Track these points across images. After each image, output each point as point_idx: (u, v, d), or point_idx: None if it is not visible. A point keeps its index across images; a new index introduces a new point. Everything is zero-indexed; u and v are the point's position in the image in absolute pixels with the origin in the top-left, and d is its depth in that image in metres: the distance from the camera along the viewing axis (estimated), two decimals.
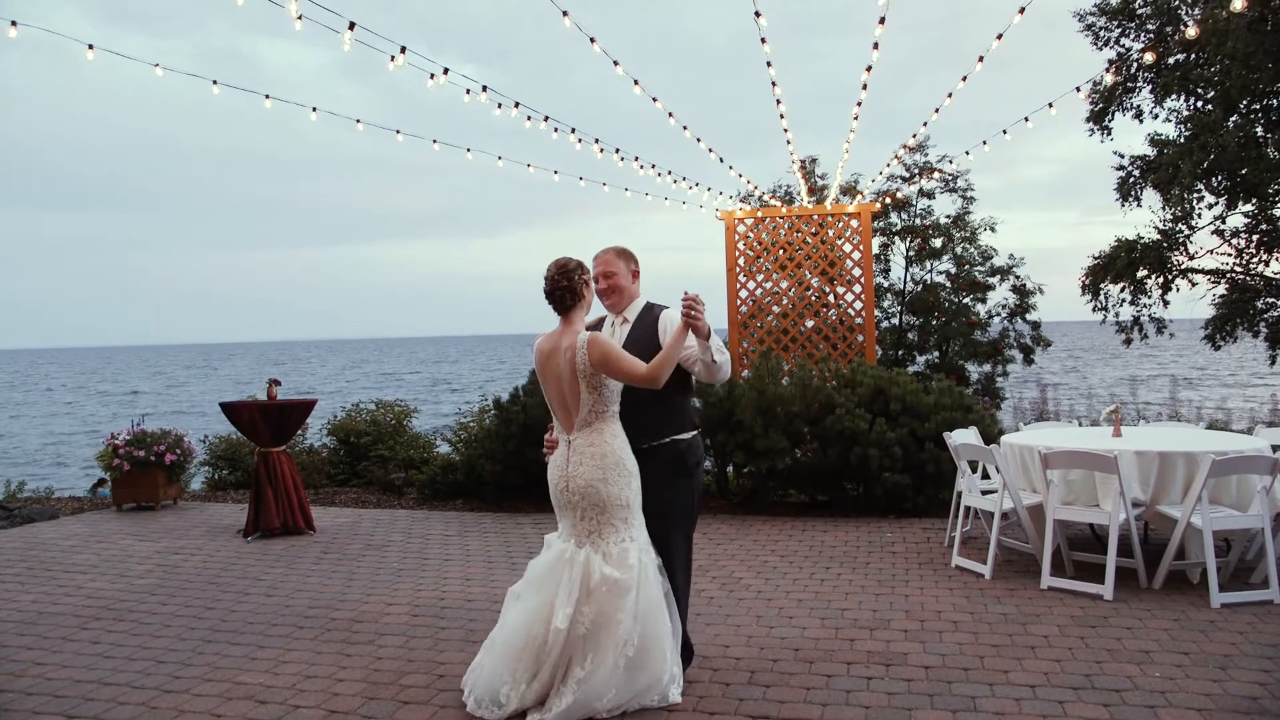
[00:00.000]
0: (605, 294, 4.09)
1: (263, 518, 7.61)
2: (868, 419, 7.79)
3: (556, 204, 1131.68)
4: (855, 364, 8.52)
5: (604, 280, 4.05)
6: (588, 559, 3.70)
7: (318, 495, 9.88)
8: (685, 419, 4.13)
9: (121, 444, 8.98)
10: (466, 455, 9.37)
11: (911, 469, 7.79)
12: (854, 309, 9.70)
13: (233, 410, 7.66)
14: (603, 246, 4.20)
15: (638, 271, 4.21)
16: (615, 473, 3.73)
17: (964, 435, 6.93)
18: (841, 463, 7.89)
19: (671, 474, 4.02)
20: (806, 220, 9.76)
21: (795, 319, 9.83)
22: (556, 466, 3.85)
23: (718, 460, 8.43)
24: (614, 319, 4.16)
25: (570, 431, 3.81)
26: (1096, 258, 17.58)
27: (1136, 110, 16.53)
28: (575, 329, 3.79)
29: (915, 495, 7.81)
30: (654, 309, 4.16)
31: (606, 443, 3.75)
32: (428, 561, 6.72)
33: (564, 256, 3.85)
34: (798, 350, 9.72)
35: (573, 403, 3.77)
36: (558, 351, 3.78)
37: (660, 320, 4.07)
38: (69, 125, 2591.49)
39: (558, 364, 3.77)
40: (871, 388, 8.07)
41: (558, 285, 3.78)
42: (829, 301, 9.86)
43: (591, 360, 3.67)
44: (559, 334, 3.82)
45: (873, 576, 5.97)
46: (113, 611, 5.54)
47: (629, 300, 4.15)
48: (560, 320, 3.85)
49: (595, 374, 3.69)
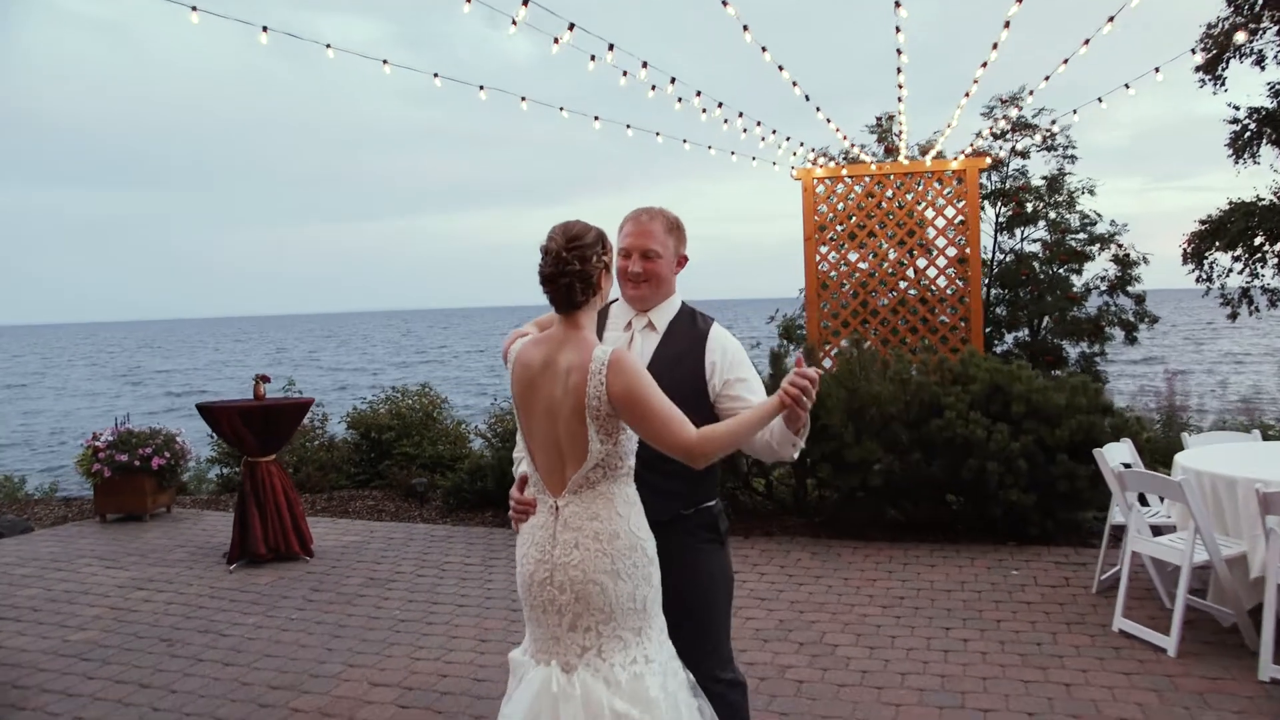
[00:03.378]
0: (635, 281, 2.69)
1: (248, 542, 6.37)
2: (985, 424, 6.26)
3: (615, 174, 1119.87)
4: (965, 355, 6.96)
5: (640, 261, 2.67)
6: (586, 691, 2.28)
7: (331, 501, 8.65)
8: (715, 480, 2.80)
9: (103, 446, 7.82)
10: (498, 457, 8.04)
11: (1037, 485, 6.25)
12: (957, 285, 8.12)
13: (211, 414, 6.39)
14: (638, 207, 2.78)
15: (685, 258, 2.81)
16: (628, 561, 2.33)
17: (1118, 452, 5.37)
18: (950, 476, 6.38)
19: (706, 540, 2.73)
20: (899, 179, 8.18)
21: (888, 297, 8.27)
22: (535, 544, 2.40)
23: (796, 473, 6.97)
24: (632, 317, 2.75)
25: (559, 492, 2.39)
26: (1204, 222, 15.70)
27: (1258, 56, 14.55)
28: (585, 337, 2.37)
29: (1043, 519, 6.28)
30: (698, 321, 2.77)
31: (617, 515, 2.35)
32: (437, 608, 5.40)
33: (577, 222, 2.42)
34: (887, 334, 8.18)
35: (570, 450, 2.35)
36: (553, 370, 2.36)
37: (711, 345, 2.71)
38: (124, 104, 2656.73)
39: (551, 389, 2.36)
40: (987, 384, 6.52)
41: (564, 267, 2.33)
42: (927, 276, 8.29)
43: (612, 394, 2.26)
44: (557, 341, 2.39)
45: (1010, 645, 4.49)
46: (19, 690, 4.31)
47: (664, 296, 2.76)
48: (560, 319, 2.42)
49: (615, 414, 2.32)
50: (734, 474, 7.11)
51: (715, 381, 2.64)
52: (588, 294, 2.35)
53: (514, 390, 2.42)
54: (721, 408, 2.63)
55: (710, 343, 2.69)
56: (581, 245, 2.32)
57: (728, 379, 2.64)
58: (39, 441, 28.04)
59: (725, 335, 2.71)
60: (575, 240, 2.32)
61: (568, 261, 2.30)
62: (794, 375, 2.26)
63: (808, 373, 2.26)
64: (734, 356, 2.68)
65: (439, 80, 6.89)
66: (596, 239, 2.36)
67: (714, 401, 2.64)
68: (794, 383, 2.25)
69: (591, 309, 2.38)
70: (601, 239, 2.38)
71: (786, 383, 2.26)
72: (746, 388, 2.64)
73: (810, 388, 2.26)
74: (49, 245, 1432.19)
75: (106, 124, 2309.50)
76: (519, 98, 7.43)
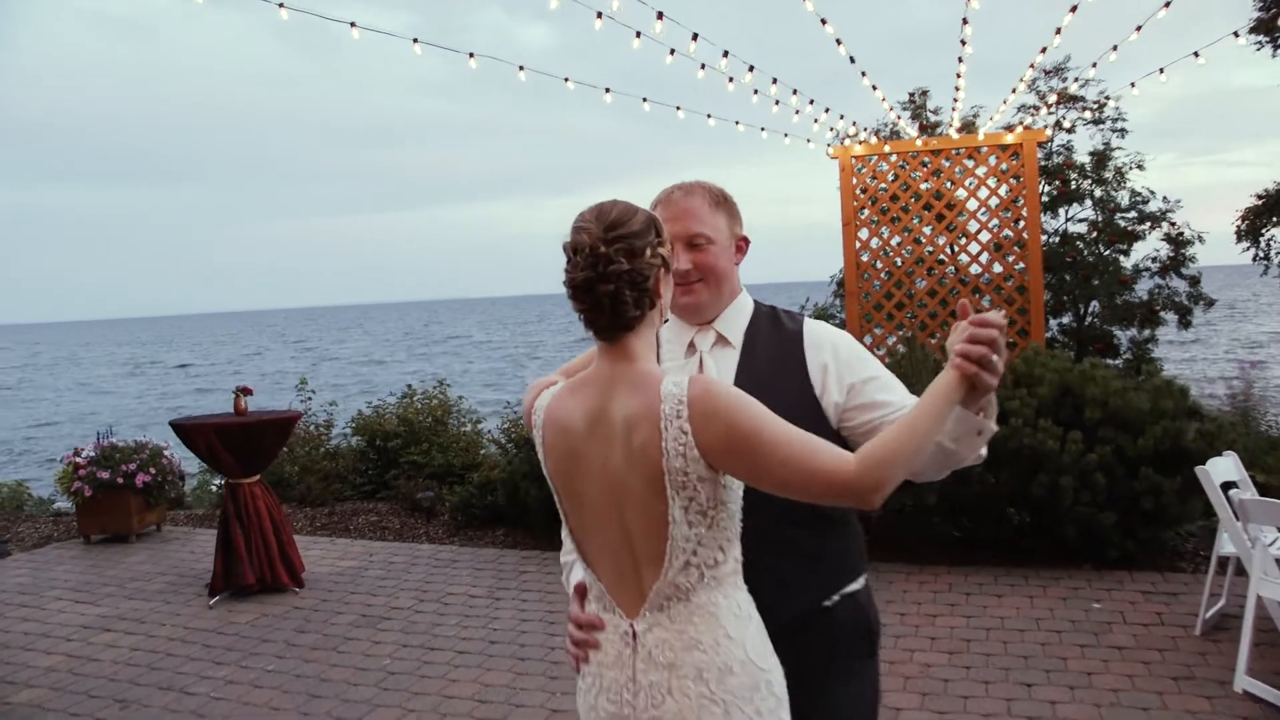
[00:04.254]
0: (685, 283, 1.94)
1: (233, 573, 5.73)
2: (1056, 433, 5.49)
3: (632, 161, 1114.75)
4: (1029, 352, 6.17)
5: (686, 254, 1.93)
6: None
7: (332, 517, 8.02)
8: (858, 543, 2.04)
9: (84, 463, 7.22)
10: (509, 471, 7.35)
11: (1116, 502, 5.48)
12: (1015, 271, 7.32)
13: (185, 433, 5.75)
14: (672, 184, 2.04)
15: (745, 240, 2.08)
16: (749, 707, 1.59)
17: (1222, 468, 4.59)
18: (1017, 491, 5.62)
19: (848, 654, 1.97)
20: (947, 155, 7.38)
21: (937, 286, 7.49)
22: (606, 691, 1.67)
23: None
24: (693, 335, 2.01)
25: (635, 611, 1.64)
26: (1262, 196, 14.79)
27: None
28: (644, 371, 1.62)
29: (1123, 539, 5.51)
30: (783, 320, 2.05)
31: (727, 638, 1.60)
32: (433, 654, 4.73)
33: (616, 202, 1.66)
34: (936, 328, 7.40)
35: (647, 544, 1.61)
36: (606, 427, 1.61)
37: (813, 345, 1.97)
38: (150, 103, 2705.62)
39: (607, 457, 1.61)
40: (1056, 386, 5.74)
41: (606, 268, 1.57)
42: (980, 262, 7.49)
43: (706, 444, 1.53)
44: (603, 383, 1.64)
45: (1109, 711, 3.75)
46: None
47: (729, 297, 2.02)
48: (603, 350, 1.66)
49: (714, 473, 1.56)
50: None
51: (834, 393, 1.91)
52: (643, 306, 1.61)
53: (549, 465, 1.69)
54: (854, 426, 1.90)
55: (811, 343, 1.96)
56: (628, 234, 1.58)
57: (852, 384, 1.91)
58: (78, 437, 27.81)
59: (828, 330, 1.99)
60: (618, 227, 1.58)
61: (610, 259, 1.56)
62: (971, 329, 1.56)
63: (990, 319, 1.55)
64: (849, 353, 1.96)
65: (474, 61, 6.39)
66: (647, 224, 1.62)
67: (839, 421, 1.91)
68: (975, 338, 1.55)
69: (649, 329, 1.66)
70: (653, 224, 1.64)
71: (961, 343, 1.56)
72: (882, 387, 1.92)
73: (998, 340, 1.55)
74: (74, 243, 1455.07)
75: (128, 121, 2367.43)
76: (562, 78, 7.01)
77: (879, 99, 7.99)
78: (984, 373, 1.56)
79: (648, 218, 1.64)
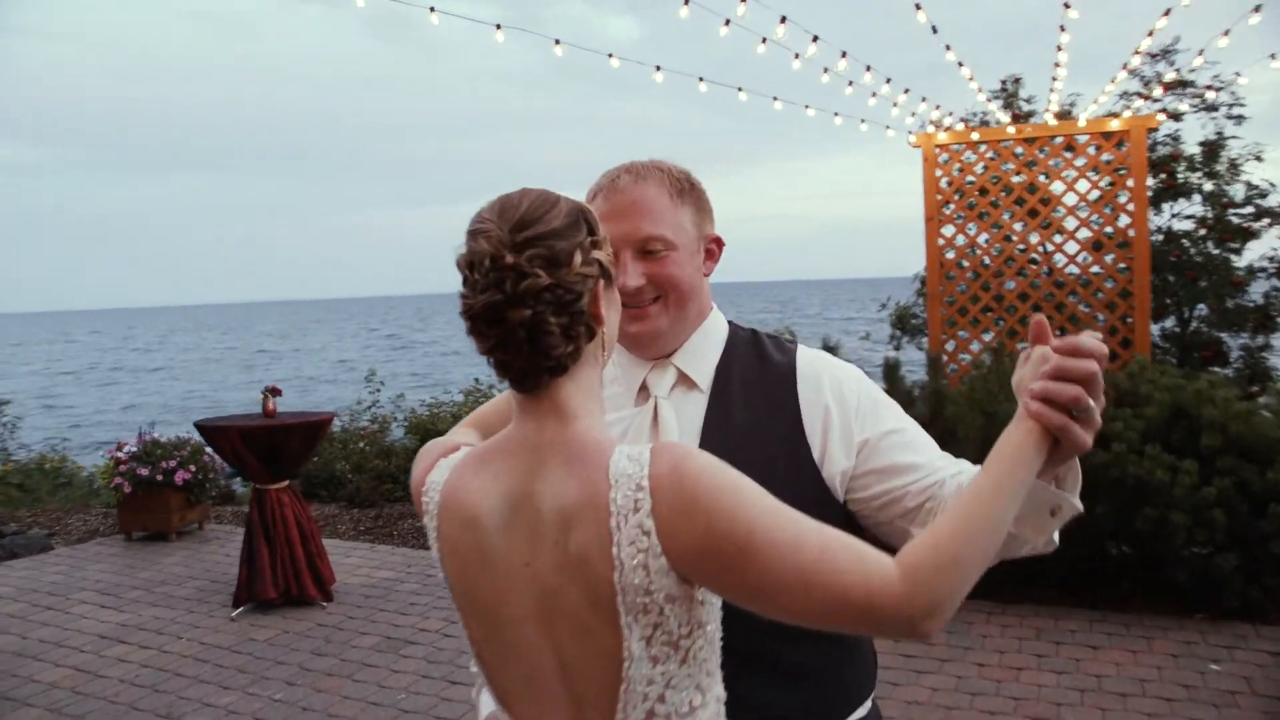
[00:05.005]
0: (636, 304, 1.43)
1: (255, 584, 5.41)
2: (1167, 461, 4.79)
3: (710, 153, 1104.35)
4: (1134, 367, 5.45)
5: (637, 264, 1.42)
6: None
7: (377, 521, 7.70)
8: (869, 655, 1.53)
9: (124, 458, 7.03)
10: None
11: (1238, 543, 4.76)
12: (1117, 274, 6.58)
13: (208, 434, 5.44)
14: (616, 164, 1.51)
15: (718, 241, 1.55)
16: None
17: None
18: (1118, 524, 4.94)
19: None
20: (1043, 143, 6.66)
21: (1029, 289, 6.78)
22: None
23: None
24: (645, 374, 1.50)
25: None
26: None
27: None
28: (583, 436, 1.11)
29: (1246, 586, 4.79)
30: (768, 349, 1.53)
31: None
32: (453, 690, 4.31)
33: (526, 192, 1.13)
34: (1026, 332, 6.70)
35: (589, 679, 1.09)
36: (531, 517, 1.10)
37: (809, 386, 1.46)
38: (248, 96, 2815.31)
39: (533, 556, 1.09)
40: (1167, 407, 5.03)
41: (516, 287, 1.06)
42: (1078, 263, 6.76)
43: (679, 553, 1.02)
44: (526, 452, 1.13)
45: None
46: None
47: (695, 321, 1.51)
48: (521, 405, 1.14)
49: (689, 588, 1.06)
50: None
51: (838, 455, 1.40)
52: (576, 337, 1.11)
53: (446, 568, 1.20)
54: (868, 499, 1.41)
55: (807, 384, 1.45)
56: (546, 234, 1.09)
57: (865, 440, 1.41)
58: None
59: (831, 364, 1.49)
60: (530, 225, 1.09)
61: (522, 272, 1.06)
62: (1057, 359, 1.04)
63: (1084, 344, 1.04)
64: (860, 396, 1.45)
65: (560, 48, 6.08)
66: (572, 218, 1.12)
67: (847, 492, 1.42)
68: (1063, 372, 1.03)
69: (589, 370, 1.16)
70: (582, 217, 1.14)
71: (1042, 378, 1.04)
72: (906, 444, 1.41)
73: (1096, 376, 1.03)
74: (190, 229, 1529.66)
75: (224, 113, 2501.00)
76: (654, 67, 6.63)
77: (968, 80, 7.29)
78: (1073, 426, 1.03)
79: (573, 209, 1.14)
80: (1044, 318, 1.12)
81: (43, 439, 15.46)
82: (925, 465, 1.38)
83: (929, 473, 1.37)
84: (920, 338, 12.42)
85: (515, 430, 1.16)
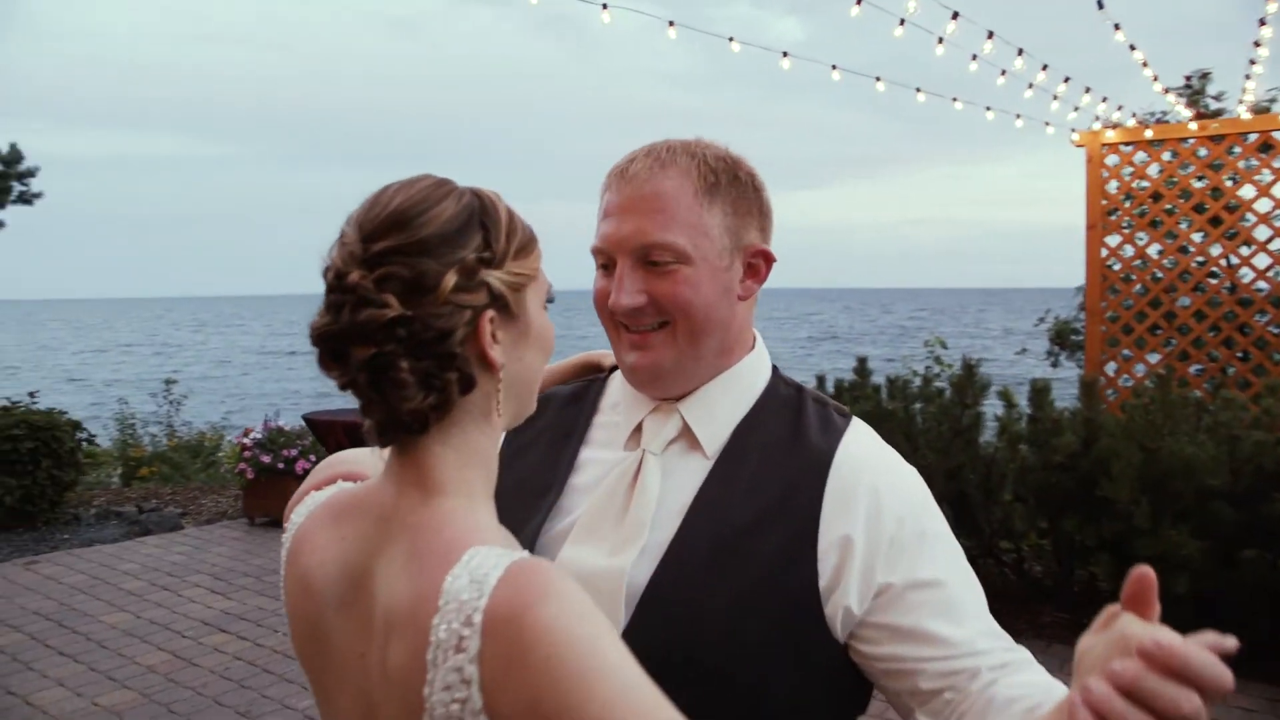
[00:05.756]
0: (634, 331, 1.12)
1: None
2: None
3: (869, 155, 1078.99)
4: None
5: (637, 278, 1.09)
6: None
7: None
8: None
9: (249, 445, 7.20)
10: None
11: None
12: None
13: (316, 428, 5.44)
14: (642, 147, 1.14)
15: (764, 257, 1.16)
16: None
17: None
18: None
19: None
20: (1232, 144, 5.87)
21: (1206, 308, 6.00)
22: None
23: (1058, 555, 5.01)
24: (644, 415, 1.17)
25: None
26: None
27: None
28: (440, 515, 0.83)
29: None
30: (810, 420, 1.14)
31: None
32: None
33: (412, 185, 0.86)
34: (1203, 359, 5.92)
35: None
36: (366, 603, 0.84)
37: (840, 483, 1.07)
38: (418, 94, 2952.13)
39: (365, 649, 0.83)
40: None
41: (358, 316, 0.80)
42: (1268, 278, 5.93)
43: (507, 709, 0.72)
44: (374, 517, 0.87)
45: None
46: None
47: (718, 357, 1.15)
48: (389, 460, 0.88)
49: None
50: (973, 531, 5.22)
51: (851, 590, 1.04)
52: (440, 390, 0.83)
53: (291, 624, 0.95)
54: (873, 655, 1.04)
55: (840, 484, 1.07)
56: (409, 245, 0.82)
57: (887, 585, 1.04)
58: None
59: (878, 463, 1.12)
60: (393, 232, 0.83)
61: (364, 299, 0.80)
62: (1136, 673, 0.62)
63: (1195, 663, 0.61)
64: (902, 521, 1.06)
65: (736, 45, 6.11)
66: (460, 223, 0.85)
67: (851, 637, 1.06)
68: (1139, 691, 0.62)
69: (472, 431, 0.89)
70: (479, 220, 0.87)
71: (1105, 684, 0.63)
72: (944, 606, 1.03)
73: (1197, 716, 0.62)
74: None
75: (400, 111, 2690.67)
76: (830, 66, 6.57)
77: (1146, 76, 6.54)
78: None
79: (465, 211, 0.86)
80: (1149, 572, 0.70)
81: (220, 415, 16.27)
82: (959, 643, 1.00)
83: (961, 654, 1.00)
84: (1081, 355, 11.43)
85: (377, 487, 0.91)
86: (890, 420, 5.33)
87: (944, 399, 5.30)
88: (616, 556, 1.06)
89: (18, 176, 12.10)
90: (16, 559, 6.38)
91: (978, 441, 5.15)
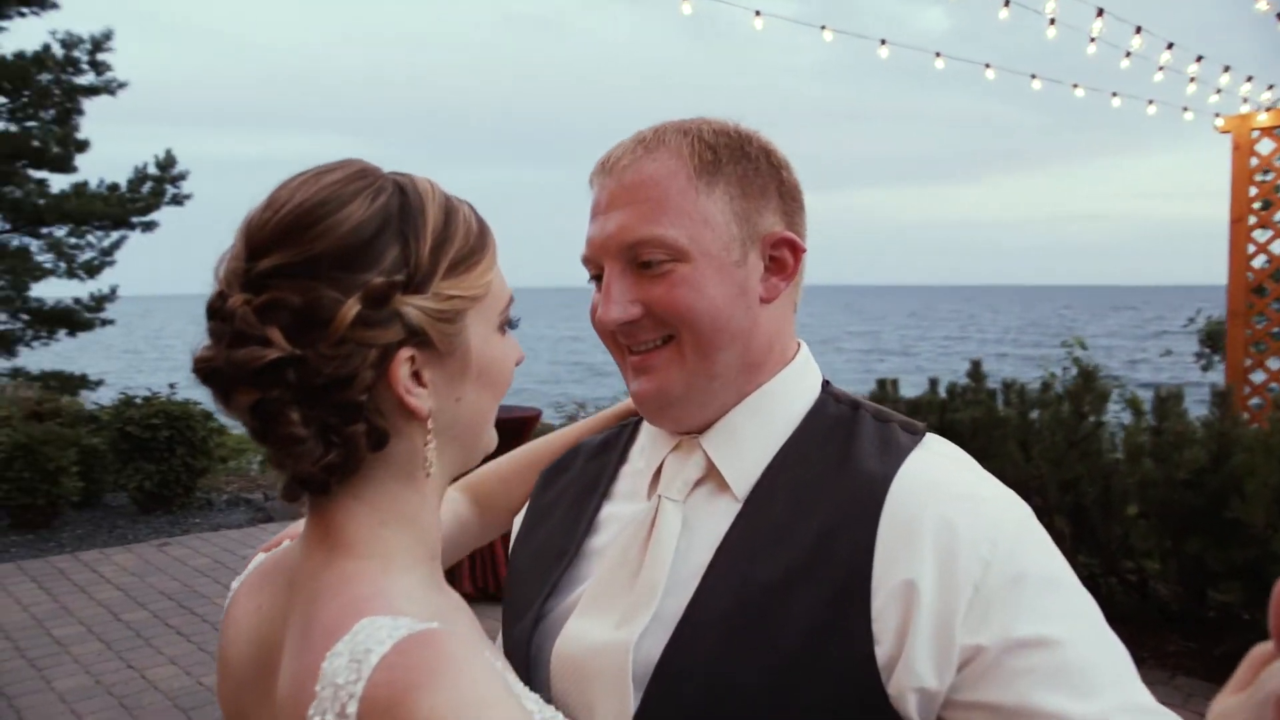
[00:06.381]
0: (635, 351, 0.94)
1: (453, 578, 5.45)
2: None
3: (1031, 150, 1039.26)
4: None
5: (628, 286, 0.92)
6: None
7: None
8: None
9: None
10: None
11: None
12: None
13: None
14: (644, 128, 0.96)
15: (791, 247, 0.94)
16: None
17: None
18: None
19: None
20: None
21: None
22: None
23: (1181, 568, 4.61)
24: (666, 453, 0.99)
25: None
26: None
27: None
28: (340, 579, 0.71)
29: None
30: (864, 443, 0.90)
31: None
32: None
33: (318, 177, 0.71)
34: None
35: None
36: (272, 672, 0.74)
37: (897, 515, 0.83)
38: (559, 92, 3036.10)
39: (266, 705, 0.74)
40: None
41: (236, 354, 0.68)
42: None
43: None
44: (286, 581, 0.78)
45: None
46: None
47: (744, 374, 0.94)
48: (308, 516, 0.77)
49: None
50: (1094, 548, 4.84)
51: (916, 656, 0.80)
52: (346, 444, 0.71)
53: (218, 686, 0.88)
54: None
55: (895, 519, 0.84)
56: (295, 266, 0.69)
57: (978, 648, 0.79)
58: None
59: (952, 486, 0.87)
60: (285, 244, 0.70)
61: (242, 334, 0.69)
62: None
63: None
64: (989, 566, 0.81)
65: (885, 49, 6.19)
66: (372, 231, 0.71)
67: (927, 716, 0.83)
68: None
69: (392, 486, 0.76)
70: (397, 226, 0.72)
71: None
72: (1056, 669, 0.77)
73: None
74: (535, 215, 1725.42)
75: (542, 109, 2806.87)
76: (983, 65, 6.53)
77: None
78: None
79: (373, 216, 0.71)
80: None
81: None
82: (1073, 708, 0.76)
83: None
84: None
85: (294, 546, 0.81)
86: (1003, 427, 5.04)
87: (1062, 407, 4.96)
88: (623, 628, 0.89)
89: (171, 180, 13.00)
90: (152, 540, 6.81)
91: (1098, 452, 4.80)
